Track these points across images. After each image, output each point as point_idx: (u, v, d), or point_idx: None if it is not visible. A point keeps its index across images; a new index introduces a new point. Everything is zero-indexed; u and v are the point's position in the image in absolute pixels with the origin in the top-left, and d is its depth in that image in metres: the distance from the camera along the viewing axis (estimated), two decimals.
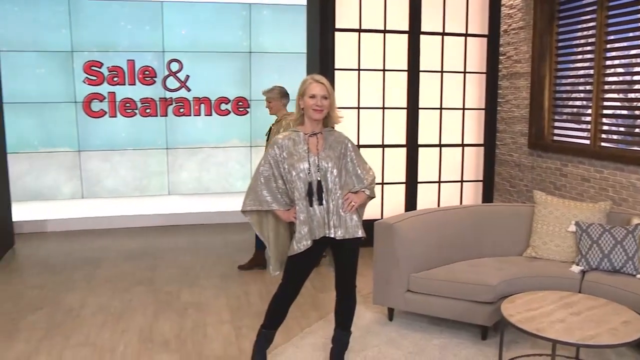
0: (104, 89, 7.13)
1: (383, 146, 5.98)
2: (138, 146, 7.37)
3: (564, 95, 5.39)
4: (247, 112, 7.60)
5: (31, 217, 6.86)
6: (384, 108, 5.94)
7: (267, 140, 5.18)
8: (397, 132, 6.00)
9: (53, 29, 6.91)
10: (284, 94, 5.14)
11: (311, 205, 3.02)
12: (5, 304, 4.49)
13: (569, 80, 5.31)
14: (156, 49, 7.20)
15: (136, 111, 7.27)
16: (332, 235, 3.05)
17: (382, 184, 6.00)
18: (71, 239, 6.56)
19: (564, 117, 5.40)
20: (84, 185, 7.28)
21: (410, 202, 6.06)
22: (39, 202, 7.11)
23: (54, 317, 4.20)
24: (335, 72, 5.74)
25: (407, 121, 5.98)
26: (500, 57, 6.09)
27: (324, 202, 3.02)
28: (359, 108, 5.88)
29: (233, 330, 3.93)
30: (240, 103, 7.57)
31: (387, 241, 3.88)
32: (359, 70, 5.82)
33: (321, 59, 5.75)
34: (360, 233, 3.11)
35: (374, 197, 3.25)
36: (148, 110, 7.31)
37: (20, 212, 6.68)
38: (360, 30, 5.76)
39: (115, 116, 7.22)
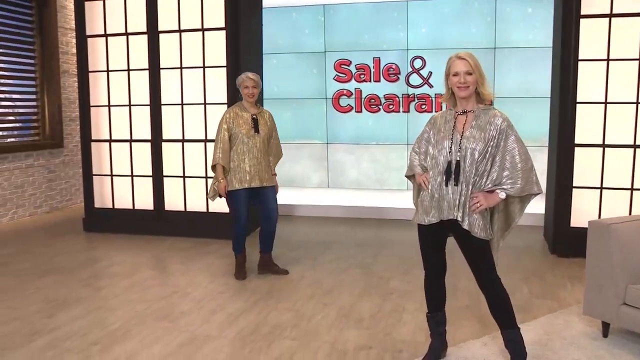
0: (352, 85, 7.63)
1: (635, 147, 5.26)
2: (380, 141, 7.70)
3: None
4: None
5: (283, 202, 7.63)
6: (638, 103, 5.23)
7: (225, 130, 4.70)
8: None
9: (309, 32, 7.64)
10: None
11: (446, 185, 2.90)
12: None
13: None
14: (400, 47, 7.43)
15: (380, 107, 7.61)
16: (460, 220, 2.88)
17: (632, 189, 5.30)
18: (312, 223, 7.16)
19: None
20: (330, 175, 7.88)
21: None
22: (291, 189, 7.90)
23: (274, 284, 4.68)
24: (579, 63, 5.25)
25: None
26: None
27: (459, 183, 2.87)
28: (606, 103, 5.28)
29: None
30: None
31: (601, 244, 3.43)
32: (607, 60, 5.22)
33: (563, 50, 5.32)
34: (478, 232, 2.87)
35: (527, 194, 2.87)
36: (391, 107, 7.59)
37: None
38: (611, 15, 5.15)
39: (360, 111, 7.67)
